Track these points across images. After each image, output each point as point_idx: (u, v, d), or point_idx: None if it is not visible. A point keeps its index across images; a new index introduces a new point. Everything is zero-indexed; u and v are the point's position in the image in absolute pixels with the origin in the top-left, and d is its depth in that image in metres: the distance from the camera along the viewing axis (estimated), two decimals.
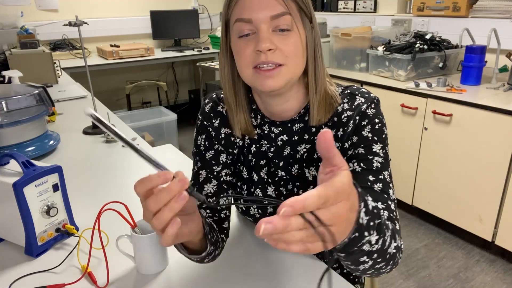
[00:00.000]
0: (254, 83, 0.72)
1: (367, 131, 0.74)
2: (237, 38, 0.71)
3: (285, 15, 0.67)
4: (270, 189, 0.85)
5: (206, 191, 0.84)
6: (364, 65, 2.73)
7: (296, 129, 0.81)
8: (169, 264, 0.89)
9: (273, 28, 0.68)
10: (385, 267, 0.62)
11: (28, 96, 1.40)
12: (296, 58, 0.70)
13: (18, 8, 3.38)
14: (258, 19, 0.67)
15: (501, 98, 2.01)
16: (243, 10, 0.68)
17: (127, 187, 1.25)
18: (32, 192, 0.88)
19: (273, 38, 0.68)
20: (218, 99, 0.87)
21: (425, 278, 2.00)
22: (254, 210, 0.87)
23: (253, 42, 0.69)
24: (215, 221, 0.85)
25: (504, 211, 1.98)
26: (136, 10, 4.07)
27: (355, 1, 3.25)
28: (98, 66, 3.47)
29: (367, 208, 0.49)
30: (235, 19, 0.69)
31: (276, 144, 0.83)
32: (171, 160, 1.44)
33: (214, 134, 0.85)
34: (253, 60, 0.69)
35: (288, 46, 0.69)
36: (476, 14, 2.51)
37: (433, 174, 2.27)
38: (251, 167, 0.86)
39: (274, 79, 0.69)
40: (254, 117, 0.84)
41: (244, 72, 0.72)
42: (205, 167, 0.85)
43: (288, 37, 0.69)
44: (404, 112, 2.33)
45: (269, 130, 0.83)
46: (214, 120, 0.85)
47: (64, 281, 0.82)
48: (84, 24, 1.60)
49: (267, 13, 0.67)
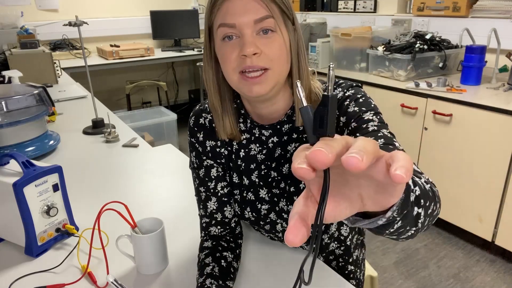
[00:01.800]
0: (241, 89, 0.73)
1: (352, 106, 0.75)
2: (221, 42, 0.71)
3: (268, 18, 0.68)
4: (263, 192, 0.86)
5: (211, 208, 0.88)
6: (364, 65, 2.73)
7: (285, 129, 0.82)
8: (169, 264, 0.89)
9: (257, 31, 0.68)
10: (435, 207, 0.56)
11: (28, 96, 1.41)
12: (281, 61, 0.71)
13: (18, 8, 3.38)
14: (242, 23, 0.67)
15: (501, 98, 2.01)
16: (226, 15, 0.68)
17: (127, 187, 1.25)
18: (32, 192, 0.88)
19: (257, 41, 0.68)
20: (201, 111, 0.88)
21: (425, 278, 2.00)
22: (249, 214, 0.88)
23: (237, 46, 0.69)
24: (229, 233, 0.89)
25: (504, 211, 1.98)
26: (136, 10, 4.07)
27: (355, 1, 3.25)
28: (98, 66, 3.47)
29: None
30: (219, 24, 0.70)
31: (267, 146, 0.84)
32: (171, 160, 1.44)
33: (201, 150, 0.87)
34: (238, 64, 0.70)
35: (272, 49, 0.69)
36: (476, 14, 2.51)
37: (433, 174, 2.27)
38: (241, 172, 0.87)
39: (261, 85, 0.70)
40: (243, 122, 0.85)
41: (231, 78, 0.72)
42: (202, 185, 0.88)
43: (272, 40, 0.69)
44: (404, 112, 2.33)
45: (260, 133, 0.84)
46: (199, 134, 0.87)
47: (64, 281, 0.82)
48: (84, 24, 1.60)
49: (251, 17, 0.67)
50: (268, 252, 0.92)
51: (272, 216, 0.87)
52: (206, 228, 0.89)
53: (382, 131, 0.70)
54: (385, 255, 2.18)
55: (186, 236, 0.99)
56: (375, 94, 2.47)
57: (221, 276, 0.79)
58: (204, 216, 0.89)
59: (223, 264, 0.81)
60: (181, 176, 1.31)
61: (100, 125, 1.71)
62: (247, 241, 0.96)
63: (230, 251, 0.85)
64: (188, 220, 1.07)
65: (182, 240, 0.98)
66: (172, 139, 3.47)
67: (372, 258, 2.15)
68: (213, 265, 0.80)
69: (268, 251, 0.93)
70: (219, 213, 0.88)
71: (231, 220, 0.89)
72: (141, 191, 1.22)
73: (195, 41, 4.39)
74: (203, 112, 0.87)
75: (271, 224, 0.89)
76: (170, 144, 1.60)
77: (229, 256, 0.84)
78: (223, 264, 0.81)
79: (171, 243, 0.95)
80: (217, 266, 0.80)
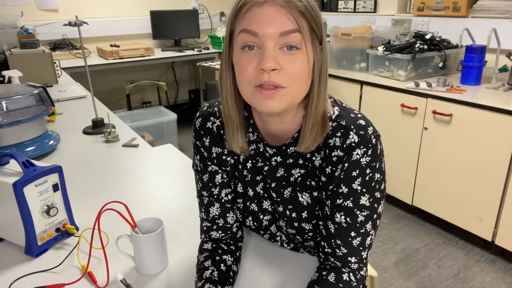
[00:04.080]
0: (253, 103, 0.68)
1: (357, 184, 0.71)
2: (240, 50, 0.66)
3: (295, 32, 0.63)
4: (266, 203, 0.84)
5: (213, 214, 0.85)
6: (364, 65, 2.73)
7: (291, 152, 0.77)
8: (169, 264, 0.89)
9: (281, 46, 0.63)
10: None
11: (28, 96, 1.40)
12: (300, 81, 0.66)
13: (18, 8, 3.37)
14: (266, 34, 0.62)
15: (501, 98, 2.01)
16: (251, 22, 0.63)
17: (127, 187, 1.25)
18: (32, 192, 0.88)
19: (279, 57, 0.63)
20: (209, 114, 0.82)
21: (425, 278, 2.00)
22: (250, 222, 0.87)
23: (256, 58, 0.64)
24: (230, 237, 0.87)
25: (504, 211, 1.98)
26: (136, 10, 4.07)
27: (355, 1, 3.25)
28: (98, 66, 3.47)
29: None
30: (241, 29, 0.65)
31: (270, 163, 0.80)
32: (171, 160, 1.44)
33: (206, 155, 0.83)
34: (255, 77, 0.65)
35: (294, 68, 0.64)
36: (476, 14, 2.51)
37: (433, 174, 2.27)
38: (246, 182, 0.84)
39: (274, 100, 0.65)
40: (251, 132, 0.80)
41: (245, 90, 0.68)
42: (205, 189, 0.85)
43: (295, 58, 0.64)
44: (404, 112, 2.33)
45: (264, 150, 0.80)
46: (205, 138, 0.82)
47: (64, 281, 0.82)
48: (84, 24, 1.60)
49: (277, 29, 0.62)
50: (268, 257, 0.92)
51: (272, 229, 0.87)
52: (207, 231, 0.87)
53: (365, 227, 0.74)
54: (385, 255, 2.18)
55: (186, 236, 0.99)
56: (375, 94, 2.47)
57: (220, 281, 0.77)
58: (205, 220, 0.87)
59: (222, 268, 0.80)
60: (181, 176, 1.31)
61: (100, 125, 1.71)
62: (246, 243, 0.96)
63: (230, 254, 0.84)
64: (188, 220, 1.07)
65: (182, 240, 0.98)
66: (172, 139, 3.47)
67: (372, 258, 2.15)
68: (212, 269, 0.79)
69: (268, 255, 0.93)
70: (222, 219, 0.85)
71: (233, 225, 0.87)
72: (141, 191, 1.22)
73: (195, 41, 4.39)
74: (212, 116, 0.82)
75: (271, 235, 0.89)
76: (170, 144, 1.60)
77: (229, 259, 0.83)
78: (222, 268, 0.80)
79: (171, 243, 0.95)
80: (216, 270, 0.79)
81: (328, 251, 0.76)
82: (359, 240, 0.74)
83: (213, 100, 0.85)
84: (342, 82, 2.67)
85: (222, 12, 4.49)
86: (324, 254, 0.77)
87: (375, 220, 0.75)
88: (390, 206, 2.65)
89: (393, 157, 2.43)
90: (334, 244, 0.75)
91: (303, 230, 0.81)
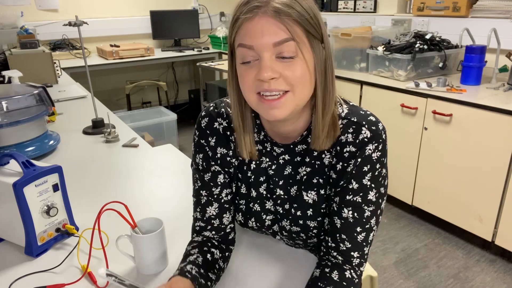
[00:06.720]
0: (259, 111, 0.71)
1: (367, 179, 0.73)
2: (240, 64, 0.69)
3: (289, 41, 0.64)
4: (269, 204, 0.85)
5: (209, 214, 0.84)
6: (364, 65, 2.73)
7: (299, 150, 0.79)
8: (169, 264, 0.89)
9: (277, 54, 0.65)
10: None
11: (28, 96, 1.40)
12: (302, 85, 0.67)
13: (18, 8, 3.37)
14: (261, 45, 0.64)
15: (501, 98, 2.01)
16: (245, 36, 0.65)
17: (127, 187, 1.25)
18: (32, 192, 0.88)
19: (276, 65, 0.65)
20: (217, 114, 0.83)
21: (425, 278, 2.00)
22: (253, 223, 0.87)
23: (255, 69, 0.66)
24: (222, 237, 0.86)
25: (504, 211, 1.98)
26: (136, 10, 4.07)
27: (355, 1, 3.25)
28: (98, 66, 3.47)
29: None
30: (238, 44, 0.67)
31: (277, 162, 0.81)
32: (171, 160, 1.44)
33: (210, 154, 0.83)
34: (256, 87, 0.67)
35: (293, 73, 0.66)
36: (476, 14, 2.51)
37: (433, 174, 2.27)
38: (250, 183, 0.84)
39: (279, 109, 0.67)
40: (257, 132, 0.81)
41: (249, 98, 0.70)
42: (205, 188, 0.84)
43: (292, 64, 0.65)
44: (404, 112, 2.33)
45: (271, 149, 0.81)
46: (210, 138, 0.83)
47: (64, 281, 0.82)
48: (84, 24, 1.60)
49: (270, 39, 0.64)
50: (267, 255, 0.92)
51: (275, 228, 0.87)
52: (199, 231, 0.86)
53: (370, 222, 0.75)
54: (385, 255, 2.18)
55: (186, 236, 0.99)
56: (375, 94, 2.47)
57: (204, 265, 0.76)
58: (200, 220, 0.86)
59: (208, 257, 0.79)
60: (181, 176, 1.31)
61: (100, 125, 1.71)
62: (245, 243, 0.96)
63: (219, 250, 0.83)
64: (188, 220, 1.06)
65: (182, 240, 0.98)
66: (172, 139, 3.47)
67: (372, 258, 2.15)
68: (197, 255, 0.78)
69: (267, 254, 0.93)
70: (218, 219, 0.85)
71: (227, 227, 0.86)
72: (141, 191, 1.22)
73: (195, 41, 4.39)
74: (219, 117, 0.82)
75: (273, 234, 0.89)
76: (170, 144, 1.60)
77: (217, 254, 0.82)
78: (208, 258, 0.79)
79: (171, 243, 0.95)
80: (201, 257, 0.78)
81: (332, 245, 0.76)
82: (363, 235, 0.75)
83: (218, 100, 0.86)
84: (342, 82, 2.67)
85: (222, 12, 4.49)
86: (326, 248, 0.78)
87: (378, 216, 0.76)
88: (390, 206, 2.65)
89: (393, 157, 2.43)
90: (339, 238, 0.76)
91: (308, 228, 0.82)
